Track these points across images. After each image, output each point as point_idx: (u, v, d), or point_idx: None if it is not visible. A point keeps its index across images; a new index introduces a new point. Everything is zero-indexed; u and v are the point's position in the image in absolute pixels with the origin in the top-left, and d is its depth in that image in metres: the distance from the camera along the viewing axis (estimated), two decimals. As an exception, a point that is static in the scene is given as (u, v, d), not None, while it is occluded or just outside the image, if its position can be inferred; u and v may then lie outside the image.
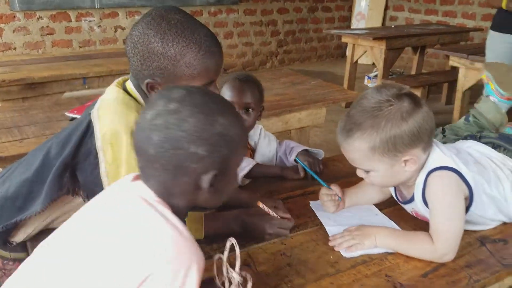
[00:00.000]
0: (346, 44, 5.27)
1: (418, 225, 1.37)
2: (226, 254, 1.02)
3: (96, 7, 5.73)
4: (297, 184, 1.68)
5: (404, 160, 1.24)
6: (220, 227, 1.32)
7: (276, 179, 1.71)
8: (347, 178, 1.67)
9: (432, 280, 1.17)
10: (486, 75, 2.02)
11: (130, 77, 1.34)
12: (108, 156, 1.22)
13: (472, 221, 1.33)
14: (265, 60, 7.36)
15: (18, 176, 1.35)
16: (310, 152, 1.84)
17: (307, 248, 1.30)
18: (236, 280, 1.00)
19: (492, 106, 1.91)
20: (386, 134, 1.19)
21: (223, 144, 0.93)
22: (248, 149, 1.84)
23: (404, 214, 1.44)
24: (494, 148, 1.49)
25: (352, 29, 6.81)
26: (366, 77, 6.28)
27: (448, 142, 1.72)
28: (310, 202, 1.54)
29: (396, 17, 7.46)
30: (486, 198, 1.32)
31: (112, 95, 1.30)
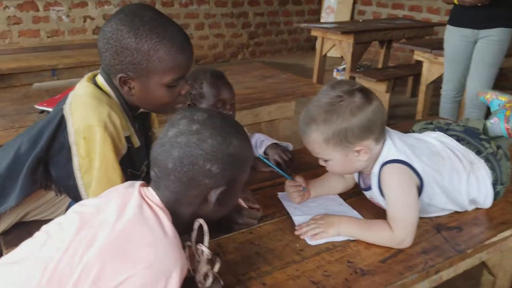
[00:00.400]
0: (316, 37, 5.34)
1: (378, 213, 1.45)
2: (194, 234, 1.09)
3: (64, -4, 5.66)
4: (266, 176, 1.74)
5: (356, 150, 1.33)
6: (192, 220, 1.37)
7: (245, 171, 1.77)
8: (313, 170, 1.74)
9: (390, 265, 1.25)
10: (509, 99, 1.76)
11: (100, 71, 1.37)
12: (81, 150, 1.25)
13: (422, 208, 1.42)
14: (236, 52, 7.39)
15: None
16: (279, 145, 1.90)
17: (274, 237, 1.36)
18: (206, 252, 1.05)
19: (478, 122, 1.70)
20: (337, 127, 1.29)
21: (234, 163, 1.04)
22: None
23: (366, 203, 1.52)
24: (459, 141, 1.56)
25: (321, 23, 6.89)
26: (335, 69, 6.38)
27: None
28: (278, 193, 1.60)
29: (364, 11, 7.58)
30: (438, 189, 1.41)
31: (84, 90, 1.33)
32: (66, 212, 1.09)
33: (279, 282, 1.17)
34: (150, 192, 1.05)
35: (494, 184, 1.52)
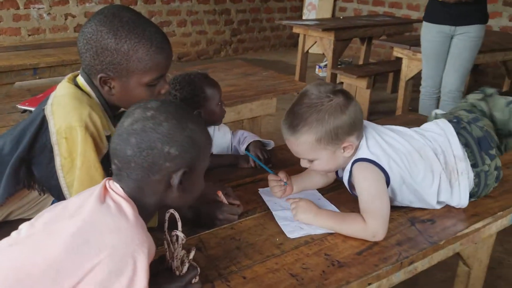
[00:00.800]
0: (298, 34, 5.39)
1: (356, 208, 1.49)
2: (166, 224, 1.13)
3: (45, -6, 5.63)
4: (247, 173, 1.78)
5: (343, 147, 1.40)
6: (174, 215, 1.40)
7: (228, 168, 1.81)
8: (295, 166, 1.78)
9: (366, 257, 1.30)
10: None
11: (80, 72, 1.39)
12: (63, 150, 1.27)
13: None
14: (219, 49, 7.40)
15: None
16: (262, 142, 1.94)
17: (255, 232, 1.40)
18: (180, 237, 1.09)
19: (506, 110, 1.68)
20: (330, 125, 1.35)
21: (192, 146, 1.05)
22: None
23: (343, 198, 1.57)
24: (465, 145, 1.55)
25: (303, 20, 6.94)
26: (317, 66, 6.44)
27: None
28: (259, 189, 1.64)
29: (345, 7, 7.65)
30: (406, 188, 1.47)
31: (64, 91, 1.34)
32: None
33: (259, 275, 1.21)
34: (114, 184, 1.04)
35: (471, 196, 1.56)
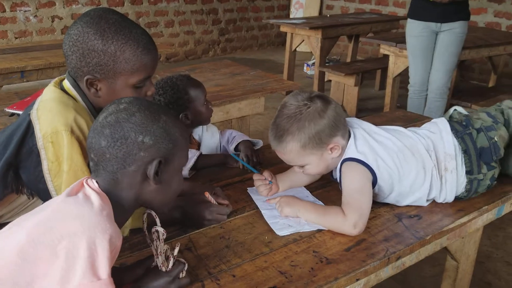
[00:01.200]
0: (286, 33, 5.41)
1: (343, 205, 1.52)
2: (145, 225, 1.15)
3: (31, -4, 5.60)
4: (236, 172, 1.79)
5: (330, 148, 1.44)
6: (162, 216, 1.40)
7: (217, 168, 1.82)
8: (282, 164, 1.79)
9: (354, 253, 1.31)
10: None
11: (66, 76, 1.39)
12: (50, 154, 1.27)
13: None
14: (207, 48, 7.41)
15: None
16: (251, 141, 1.95)
17: (244, 231, 1.41)
18: (161, 231, 1.10)
19: None
20: (311, 131, 1.40)
21: (166, 137, 1.06)
22: (194, 143, 1.94)
23: (332, 195, 1.59)
24: (464, 151, 1.55)
25: (290, 18, 6.96)
26: (305, 64, 6.46)
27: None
28: (248, 188, 1.65)
29: (332, 5, 7.68)
30: (394, 186, 1.49)
31: (50, 95, 1.35)
32: None
33: (248, 273, 1.22)
34: (91, 180, 1.04)
35: (459, 198, 1.59)
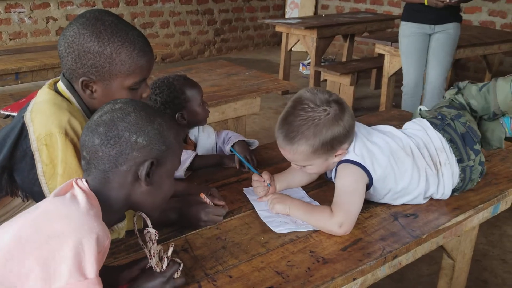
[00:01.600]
0: (281, 33, 5.41)
1: (340, 205, 1.52)
2: (135, 228, 1.14)
3: (25, -2, 5.58)
4: (232, 172, 1.79)
5: (336, 155, 1.45)
6: (158, 217, 1.40)
7: (213, 168, 1.82)
8: (279, 164, 1.82)
9: (350, 253, 1.31)
10: None
11: (61, 77, 1.38)
12: (44, 157, 1.26)
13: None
14: (203, 49, 7.40)
15: None
16: (246, 142, 1.95)
17: (240, 231, 1.41)
18: (153, 232, 1.10)
19: (506, 89, 1.66)
20: (326, 138, 1.39)
21: (159, 139, 1.06)
22: (190, 144, 1.94)
23: (328, 196, 1.58)
24: (450, 141, 1.59)
25: (285, 18, 6.96)
26: (301, 64, 6.47)
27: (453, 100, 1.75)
28: (244, 189, 1.65)
29: (327, 5, 7.68)
30: (390, 187, 1.50)
31: (44, 97, 1.34)
32: None
33: (245, 274, 1.22)
34: (81, 180, 1.04)
35: (454, 191, 1.60)
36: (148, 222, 1.10)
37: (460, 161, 1.57)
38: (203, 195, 1.46)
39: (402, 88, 3.77)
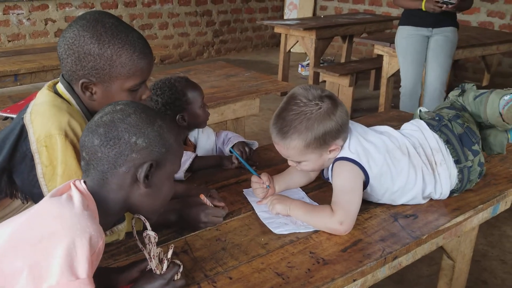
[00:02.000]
0: (280, 34, 5.42)
1: (339, 206, 1.52)
2: (134, 231, 1.13)
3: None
4: (231, 174, 1.79)
5: (330, 150, 1.44)
6: (158, 218, 1.40)
7: (212, 170, 1.82)
8: (278, 165, 1.82)
9: (350, 254, 1.31)
10: None
11: (60, 79, 1.38)
12: (44, 158, 1.26)
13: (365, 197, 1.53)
14: (201, 50, 7.40)
15: None
16: (246, 143, 1.95)
17: (240, 233, 1.41)
18: (152, 235, 1.09)
19: (495, 104, 1.63)
20: (319, 132, 1.39)
21: (159, 141, 1.06)
22: (190, 145, 1.94)
23: (327, 196, 1.57)
24: (446, 142, 1.58)
25: (284, 19, 6.96)
26: (300, 65, 6.47)
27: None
28: (244, 190, 1.65)
29: (326, 6, 7.69)
30: (387, 185, 1.50)
31: (43, 99, 1.34)
32: None
33: (245, 275, 1.22)
34: (79, 182, 1.04)
35: (452, 192, 1.59)
36: (147, 224, 1.10)
37: (457, 162, 1.57)
38: (202, 197, 1.46)
39: (400, 90, 3.77)
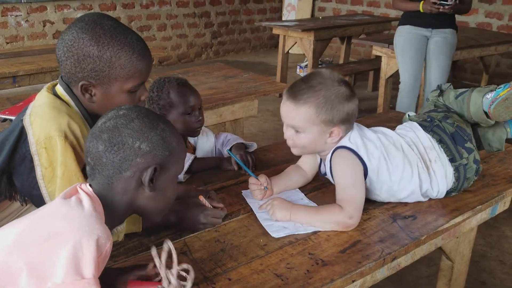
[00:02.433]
0: (278, 35, 5.42)
1: (338, 207, 1.52)
2: (154, 252, 1.08)
3: (22, 1, 5.58)
4: (230, 175, 1.79)
5: (331, 131, 1.46)
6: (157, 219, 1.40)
7: (211, 171, 1.82)
8: (277, 166, 1.82)
9: (349, 255, 1.31)
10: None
11: (59, 81, 1.38)
12: (43, 160, 1.27)
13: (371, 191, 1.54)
14: (200, 52, 7.40)
15: None
16: (245, 144, 1.95)
17: (239, 234, 1.41)
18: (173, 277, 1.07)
19: (478, 102, 1.66)
20: (332, 107, 1.42)
21: (163, 145, 1.07)
22: (189, 148, 1.93)
23: (326, 197, 1.59)
24: (439, 142, 1.60)
25: (282, 21, 6.98)
26: (298, 66, 6.47)
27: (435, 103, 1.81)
28: (242, 191, 1.65)
29: (324, 7, 7.70)
30: (385, 180, 1.51)
31: (42, 101, 1.34)
32: None
33: (244, 276, 1.22)
34: (85, 185, 1.05)
35: (451, 191, 1.60)
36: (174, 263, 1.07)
37: (452, 160, 1.58)
38: (201, 198, 1.46)
39: (399, 86, 3.76)
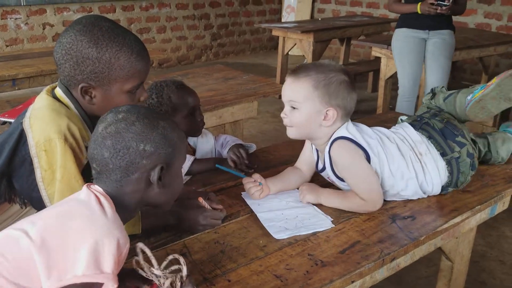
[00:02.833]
0: (278, 37, 5.43)
1: (337, 207, 1.52)
2: (140, 257, 1.09)
3: (22, 4, 5.58)
4: (230, 177, 1.78)
5: (326, 111, 1.48)
6: (157, 221, 1.41)
7: (210, 173, 1.82)
8: (276, 168, 1.82)
9: (349, 255, 1.32)
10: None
11: (58, 84, 1.39)
12: (43, 162, 1.27)
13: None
14: (200, 53, 7.41)
15: None
16: (243, 145, 1.95)
17: (239, 235, 1.41)
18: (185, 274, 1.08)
19: (463, 104, 1.75)
20: (331, 87, 1.47)
21: (166, 142, 1.09)
22: (189, 150, 1.94)
23: (326, 198, 1.59)
24: (429, 138, 1.64)
25: (282, 22, 6.98)
26: (298, 68, 6.47)
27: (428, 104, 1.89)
28: (242, 193, 1.65)
29: (323, 9, 7.71)
30: (384, 171, 1.53)
31: (42, 103, 1.34)
32: None
33: (244, 277, 1.22)
34: (94, 186, 1.07)
35: (447, 186, 1.61)
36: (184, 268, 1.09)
37: (443, 154, 1.61)
38: (201, 199, 1.46)
39: (399, 92, 3.76)
